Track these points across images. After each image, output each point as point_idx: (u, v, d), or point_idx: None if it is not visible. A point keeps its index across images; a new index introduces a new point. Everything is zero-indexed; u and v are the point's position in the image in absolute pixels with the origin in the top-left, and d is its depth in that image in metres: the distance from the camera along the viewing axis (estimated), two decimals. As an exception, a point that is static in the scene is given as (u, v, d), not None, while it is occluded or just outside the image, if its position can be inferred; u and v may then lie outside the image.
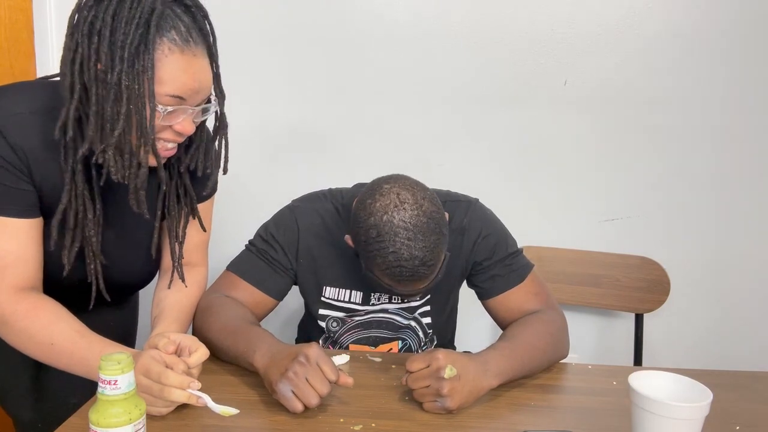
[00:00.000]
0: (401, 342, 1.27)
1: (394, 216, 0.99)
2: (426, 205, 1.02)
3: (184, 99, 0.90)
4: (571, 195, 1.84)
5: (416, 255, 0.99)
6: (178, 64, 0.87)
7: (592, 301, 1.74)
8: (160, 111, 0.88)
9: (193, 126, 0.95)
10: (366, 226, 1.02)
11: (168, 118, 0.91)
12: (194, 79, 0.90)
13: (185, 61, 0.88)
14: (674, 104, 1.78)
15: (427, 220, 1.00)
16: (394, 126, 1.80)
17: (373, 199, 1.02)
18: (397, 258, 0.99)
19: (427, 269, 1.01)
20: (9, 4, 1.72)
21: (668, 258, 1.70)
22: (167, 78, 0.87)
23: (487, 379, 0.97)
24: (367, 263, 1.05)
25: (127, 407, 0.74)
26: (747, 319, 1.89)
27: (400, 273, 1.00)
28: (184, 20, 0.89)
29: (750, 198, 1.83)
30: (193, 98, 0.91)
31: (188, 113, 0.93)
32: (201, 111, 0.95)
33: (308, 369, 0.90)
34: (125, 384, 0.73)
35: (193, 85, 0.90)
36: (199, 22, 0.91)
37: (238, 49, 1.76)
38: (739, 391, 1.08)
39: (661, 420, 0.78)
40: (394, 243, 0.99)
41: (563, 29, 1.74)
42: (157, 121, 0.89)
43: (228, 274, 1.21)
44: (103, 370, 0.72)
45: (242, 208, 1.74)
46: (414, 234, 0.99)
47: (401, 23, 1.75)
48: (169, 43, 0.86)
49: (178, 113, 0.91)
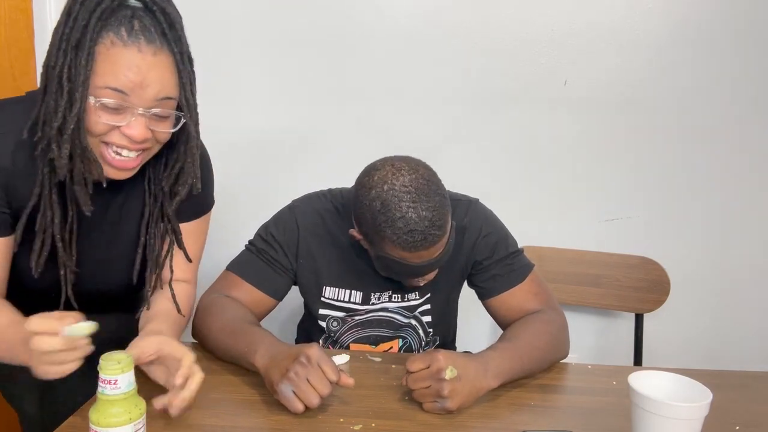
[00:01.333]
0: (402, 340, 1.27)
1: (395, 183, 1.02)
2: (422, 170, 1.05)
3: (126, 94, 0.85)
4: (571, 195, 1.84)
5: (424, 215, 1.00)
6: (120, 56, 0.84)
7: (592, 301, 1.74)
8: (91, 103, 0.85)
9: (145, 130, 0.89)
10: (369, 200, 1.03)
11: (111, 116, 0.87)
12: (138, 73, 0.85)
13: (128, 54, 0.84)
14: (674, 104, 1.78)
15: (427, 182, 1.03)
16: (395, 126, 1.80)
17: (370, 176, 1.05)
18: (406, 223, 1.00)
19: (438, 230, 1.02)
20: (9, 4, 1.72)
21: (668, 258, 1.70)
22: (106, 70, 0.84)
23: (487, 380, 0.97)
24: (378, 242, 1.06)
25: (127, 407, 0.74)
26: (747, 319, 1.90)
27: (413, 238, 1.01)
28: (140, 19, 0.86)
29: (750, 198, 1.83)
30: (139, 95, 0.86)
31: (137, 114, 0.87)
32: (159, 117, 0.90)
33: (309, 369, 0.90)
34: (125, 384, 0.73)
35: (136, 79, 0.85)
36: (161, 25, 0.87)
37: (238, 49, 1.77)
38: (739, 391, 1.08)
39: (661, 420, 0.78)
40: (400, 208, 1.00)
41: (563, 29, 1.74)
42: (95, 118, 0.86)
43: (228, 274, 1.21)
44: (103, 370, 0.72)
45: (242, 209, 1.74)
46: (417, 195, 1.01)
47: (401, 23, 1.75)
48: (114, 37, 0.84)
49: (124, 113, 0.87)
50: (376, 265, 1.13)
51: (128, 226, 1.06)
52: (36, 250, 0.95)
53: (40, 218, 0.93)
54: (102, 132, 0.88)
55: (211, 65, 1.79)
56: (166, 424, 0.87)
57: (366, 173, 1.07)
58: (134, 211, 1.05)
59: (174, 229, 1.06)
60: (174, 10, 0.90)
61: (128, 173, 0.95)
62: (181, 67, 0.91)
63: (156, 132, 0.91)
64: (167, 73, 0.89)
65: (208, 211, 1.16)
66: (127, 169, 0.93)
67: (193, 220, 1.12)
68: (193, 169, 0.98)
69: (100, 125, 0.87)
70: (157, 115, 0.90)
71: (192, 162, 0.98)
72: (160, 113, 0.90)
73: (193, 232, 1.12)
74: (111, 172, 0.92)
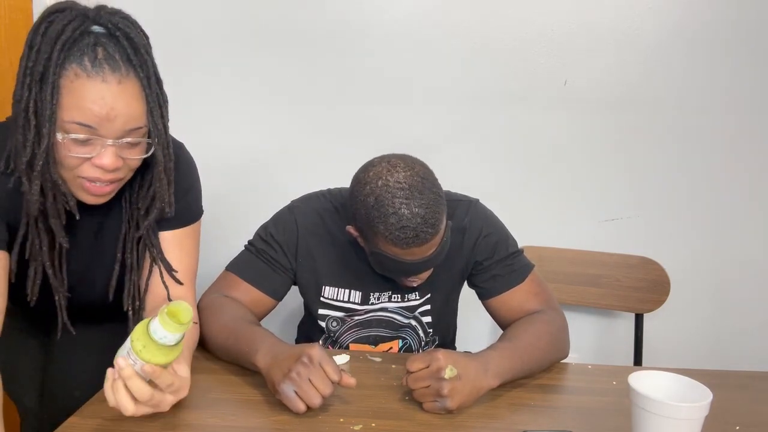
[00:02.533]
0: (401, 341, 1.27)
1: (389, 179, 1.02)
2: (418, 167, 1.05)
3: (94, 128, 0.85)
4: (571, 195, 1.84)
5: (417, 212, 1.00)
6: (84, 90, 0.83)
7: (592, 301, 1.74)
8: (59, 139, 0.84)
9: (115, 159, 0.88)
10: (363, 196, 1.04)
11: (81, 149, 0.86)
12: (103, 106, 0.83)
13: (93, 87, 0.83)
14: (674, 104, 1.78)
15: (422, 180, 1.03)
16: (394, 126, 1.80)
17: (366, 172, 1.06)
18: (398, 219, 1.00)
19: (431, 228, 1.02)
20: (9, 4, 1.72)
21: (668, 258, 1.70)
22: (72, 104, 0.83)
23: (487, 379, 0.97)
24: (371, 238, 1.06)
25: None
26: (747, 319, 1.89)
27: (405, 235, 1.01)
28: (104, 47, 0.85)
29: (750, 198, 1.83)
30: (107, 128, 0.85)
31: (106, 145, 0.86)
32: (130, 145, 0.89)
33: (311, 370, 0.90)
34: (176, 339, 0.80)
35: (102, 113, 0.84)
36: (125, 50, 0.86)
37: (237, 47, 1.76)
38: (739, 391, 1.08)
39: (661, 420, 0.78)
40: (393, 204, 1.00)
41: (563, 29, 1.74)
42: (65, 152, 0.85)
43: (227, 275, 1.21)
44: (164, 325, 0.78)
45: (241, 209, 1.74)
46: (411, 192, 1.01)
47: (401, 23, 1.75)
48: (77, 68, 0.83)
49: (93, 144, 0.86)
50: (371, 262, 1.13)
51: (109, 245, 1.05)
52: (30, 277, 0.95)
53: (29, 247, 0.94)
54: (74, 165, 0.88)
55: (210, 65, 1.79)
56: (165, 424, 0.87)
57: (363, 169, 1.08)
58: (115, 230, 1.05)
59: (151, 242, 1.05)
60: (138, 34, 0.89)
61: (105, 198, 0.95)
62: (147, 91, 0.89)
63: (127, 159, 0.91)
64: (134, 102, 0.87)
65: (196, 221, 1.13)
66: (103, 194, 0.93)
67: (179, 228, 1.09)
68: (162, 192, 0.98)
69: (70, 158, 0.87)
70: (128, 143, 0.89)
71: (161, 186, 0.97)
72: (130, 141, 0.89)
73: (180, 241, 1.10)
74: (88, 199, 0.93)
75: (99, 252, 1.07)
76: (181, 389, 0.86)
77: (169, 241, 1.07)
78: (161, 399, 0.82)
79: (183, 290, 1.08)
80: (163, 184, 0.97)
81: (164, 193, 0.98)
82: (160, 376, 0.80)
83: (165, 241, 1.07)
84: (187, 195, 1.09)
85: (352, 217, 1.10)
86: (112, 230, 1.05)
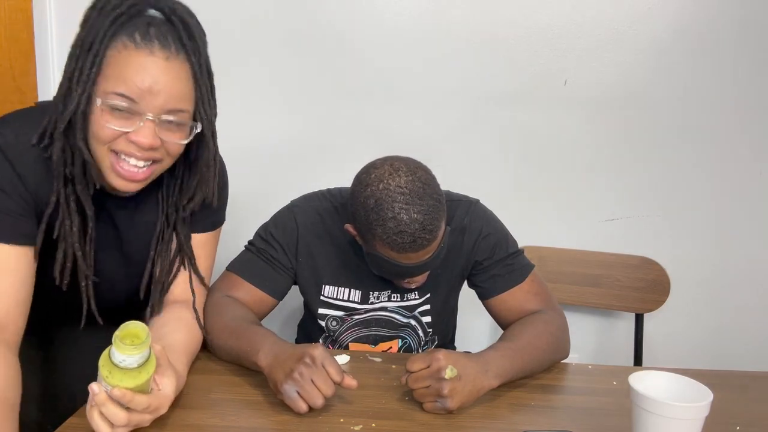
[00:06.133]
0: (401, 341, 1.27)
1: (390, 183, 1.02)
2: (420, 172, 1.05)
3: (135, 101, 0.83)
4: (571, 195, 1.84)
5: (415, 218, 1.00)
6: (129, 60, 0.82)
7: (592, 301, 1.74)
8: (98, 104, 0.83)
9: (153, 137, 0.85)
10: (363, 197, 1.04)
11: (118, 121, 0.84)
12: (147, 78, 0.82)
13: (139, 58, 0.82)
14: (674, 104, 1.78)
15: (423, 185, 1.03)
16: (394, 126, 1.80)
17: (368, 173, 1.05)
18: (397, 224, 1.00)
19: (428, 235, 1.02)
20: (9, 4, 1.72)
21: (668, 258, 1.70)
22: (115, 74, 0.83)
23: (487, 380, 0.97)
24: (369, 239, 1.06)
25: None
26: (747, 319, 1.90)
27: (402, 240, 1.01)
28: (158, 27, 0.84)
29: (750, 198, 1.83)
30: (148, 102, 0.84)
31: (146, 119, 0.84)
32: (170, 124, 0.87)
33: (314, 370, 0.90)
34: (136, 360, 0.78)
35: (144, 85, 0.83)
36: (179, 34, 0.86)
37: (235, 51, 1.76)
38: (739, 391, 1.08)
39: (661, 420, 0.78)
40: (392, 208, 1.00)
41: (563, 29, 1.74)
42: (102, 122, 0.84)
43: (228, 275, 1.21)
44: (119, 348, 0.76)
45: (241, 209, 1.73)
46: (411, 198, 1.01)
47: (401, 23, 1.75)
48: (126, 40, 0.82)
49: (132, 118, 0.85)
50: (368, 262, 1.13)
51: (142, 241, 1.04)
52: (59, 260, 0.93)
53: (59, 227, 0.92)
54: (109, 138, 0.86)
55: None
56: (165, 424, 0.87)
57: (365, 170, 1.08)
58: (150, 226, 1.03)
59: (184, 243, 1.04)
60: (196, 23, 0.89)
61: (137, 185, 0.92)
62: (198, 77, 0.88)
63: (167, 143, 0.88)
64: (180, 82, 0.86)
65: (219, 227, 1.15)
66: (136, 180, 0.90)
67: (203, 232, 1.10)
68: (209, 178, 0.96)
69: (106, 130, 0.85)
70: (168, 121, 0.87)
71: (207, 172, 0.96)
72: (172, 120, 0.87)
73: (205, 244, 1.11)
74: (119, 183, 0.90)
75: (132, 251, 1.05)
76: (159, 408, 0.83)
77: (195, 244, 1.08)
78: (140, 419, 0.80)
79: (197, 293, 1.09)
80: (211, 170, 0.96)
81: (210, 179, 0.96)
82: (132, 400, 0.77)
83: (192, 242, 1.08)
84: (220, 198, 1.10)
85: (351, 216, 1.10)
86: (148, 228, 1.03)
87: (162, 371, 0.84)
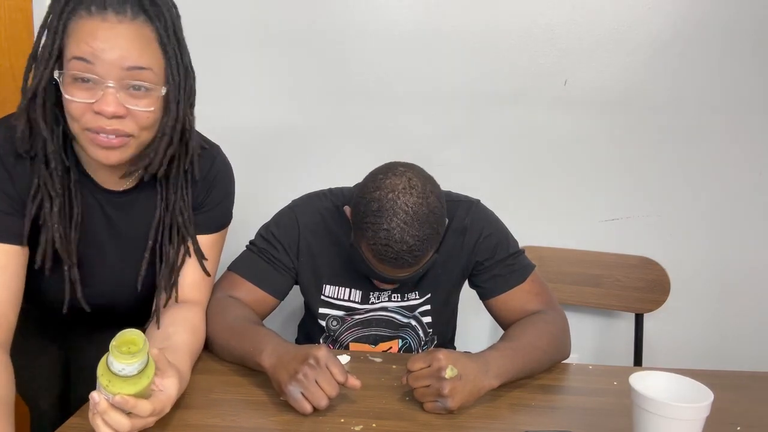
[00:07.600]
0: (401, 341, 1.27)
1: (399, 197, 1.02)
2: (432, 198, 1.04)
3: (89, 62, 0.83)
4: (571, 195, 1.84)
5: (406, 240, 1.01)
6: (84, 28, 0.83)
7: (592, 301, 1.74)
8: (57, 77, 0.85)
9: (117, 105, 0.84)
10: (370, 197, 1.04)
11: (81, 93, 0.84)
12: (98, 39, 0.82)
13: (92, 23, 0.83)
14: (674, 104, 1.78)
15: (428, 212, 1.03)
16: (395, 126, 1.80)
17: (386, 176, 1.05)
18: (387, 236, 1.01)
19: (412, 258, 1.03)
20: (9, 4, 1.72)
21: (668, 258, 1.70)
22: (71, 43, 0.84)
23: (488, 379, 0.97)
24: (358, 235, 1.07)
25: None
26: (747, 319, 1.90)
27: (386, 253, 1.02)
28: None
29: (750, 198, 1.83)
30: (103, 63, 0.83)
31: (106, 87, 0.84)
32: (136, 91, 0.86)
33: (318, 372, 0.90)
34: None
35: (96, 44, 0.82)
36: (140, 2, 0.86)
37: (235, 48, 1.76)
38: (739, 391, 1.08)
39: (661, 420, 0.78)
40: (390, 221, 1.01)
41: (563, 29, 1.74)
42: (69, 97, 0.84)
43: (229, 275, 1.21)
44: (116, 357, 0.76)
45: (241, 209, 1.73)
46: (411, 220, 1.01)
47: (400, 23, 1.75)
48: (83, 12, 0.84)
49: (95, 89, 0.84)
50: (348, 251, 1.14)
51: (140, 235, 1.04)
52: (41, 244, 0.92)
53: (43, 211, 0.92)
54: (78, 113, 0.86)
55: (207, 64, 1.78)
56: (166, 424, 0.87)
57: (384, 170, 1.07)
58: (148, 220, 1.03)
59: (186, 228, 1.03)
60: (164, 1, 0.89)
61: (116, 154, 0.89)
62: (165, 41, 0.87)
63: (133, 111, 0.87)
64: (136, 42, 0.85)
65: (226, 227, 1.15)
66: (112, 147, 0.88)
67: (214, 233, 1.10)
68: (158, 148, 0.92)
69: (73, 104, 0.85)
70: (133, 87, 0.86)
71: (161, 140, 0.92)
72: (135, 84, 0.86)
73: (211, 245, 1.10)
74: (99, 153, 0.88)
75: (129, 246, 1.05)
76: (162, 410, 0.83)
77: (202, 245, 1.08)
78: (143, 423, 0.80)
79: (195, 293, 1.09)
80: (165, 138, 0.92)
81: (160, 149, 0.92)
82: (135, 406, 0.77)
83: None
84: (225, 199, 1.10)
85: (353, 201, 1.10)
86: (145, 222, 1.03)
87: (163, 372, 0.84)
